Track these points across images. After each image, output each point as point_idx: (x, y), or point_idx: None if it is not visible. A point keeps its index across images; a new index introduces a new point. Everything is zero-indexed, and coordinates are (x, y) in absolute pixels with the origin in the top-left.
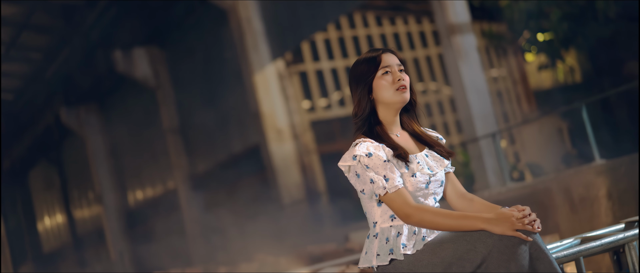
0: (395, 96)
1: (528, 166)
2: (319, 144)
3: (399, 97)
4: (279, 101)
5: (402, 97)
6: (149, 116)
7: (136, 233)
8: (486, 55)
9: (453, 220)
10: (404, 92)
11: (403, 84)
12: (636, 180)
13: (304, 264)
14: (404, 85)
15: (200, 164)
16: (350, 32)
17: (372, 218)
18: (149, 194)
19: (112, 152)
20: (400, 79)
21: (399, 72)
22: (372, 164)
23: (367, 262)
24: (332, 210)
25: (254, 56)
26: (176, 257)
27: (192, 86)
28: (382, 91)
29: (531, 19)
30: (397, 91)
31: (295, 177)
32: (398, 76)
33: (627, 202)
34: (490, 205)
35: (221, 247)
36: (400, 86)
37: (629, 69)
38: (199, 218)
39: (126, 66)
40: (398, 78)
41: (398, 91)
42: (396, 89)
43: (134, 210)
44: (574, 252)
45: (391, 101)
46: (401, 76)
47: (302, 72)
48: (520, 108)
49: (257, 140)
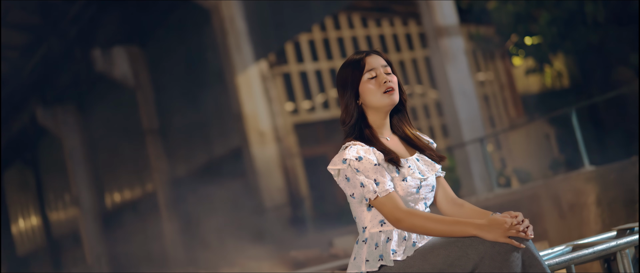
0: (382, 100)
1: (515, 172)
2: (302, 147)
3: (387, 101)
4: (261, 102)
5: (391, 99)
6: (128, 117)
7: (113, 236)
8: (473, 58)
9: (444, 226)
10: (392, 95)
11: (390, 86)
12: (626, 187)
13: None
14: (391, 87)
15: (180, 166)
16: (335, 33)
17: (361, 223)
18: (127, 196)
19: (89, 153)
20: (386, 82)
21: (384, 75)
22: (363, 168)
23: (355, 267)
24: (315, 214)
25: (237, 56)
26: (155, 261)
27: (173, 86)
28: (369, 95)
29: (519, 22)
30: (385, 94)
31: (278, 181)
32: (384, 79)
33: (616, 209)
34: (480, 211)
35: (201, 251)
36: (387, 88)
37: (618, 75)
38: (179, 221)
39: (105, 65)
40: (384, 81)
41: (385, 94)
42: (383, 92)
43: (112, 213)
44: (565, 260)
45: (379, 105)
46: (387, 78)
47: (286, 74)
48: (507, 112)
49: (239, 143)
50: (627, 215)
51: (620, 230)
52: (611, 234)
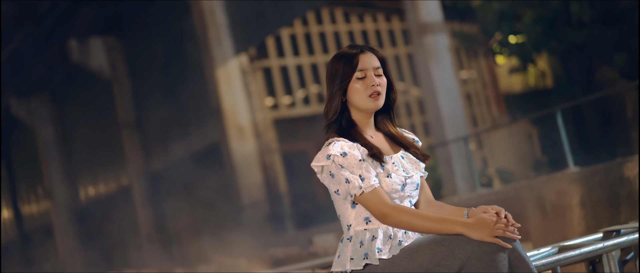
0: (367, 103)
1: (497, 172)
2: (281, 143)
3: (371, 105)
4: (241, 97)
5: (374, 104)
6: (104, 109)
7: (87, 230)
8: (456, 56)
9: (431, 223)
10: (377, 100)
11: (377, 90)
12: (611, 189)
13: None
14: (378, 91)
15: (157, 160)
16: (317, 28)
17: (345, 220)
18: (102, 190)
19: (63, 145)
20: (374, 85)
21: (375, 77)
22: (347, 164)
23: (340, 266)
24: (294, 212)
25: (217, 49)
26: (129, 257)
27: (151, 79)
28: (355, 95)
29: (504, 20)
30: (370, 97)
31: (256, 177)
32: (372, 81)
33: (601, 211)
34: (460, 210)
35: (177, 247)
36: (373, 92)
37: (601, 75)
38: (154, 217)
39: (81, 55)
40: (372, 84)
41: (370, 98)
42: (369, 95)
43: (86, 207)
44: (552, 261)
45: (362, 108)
46: (376, 81)
47: (266, 68)
48: (490, 111)
49: (217, 137)
50: (611, 217)
51: (606, 232)
52: (597, 236)
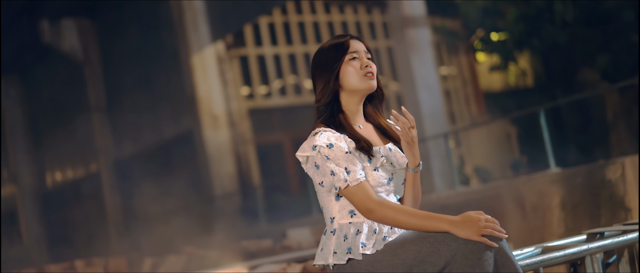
0: (362, 83)
1: (475, 170)
2: (256, 134)
3: (365, 84)
4: (216, 85)
5: (369, 84)
6: (75, 93)
7: (53, 217)
8: (437, 52)
9: (417, 219)
10: (371, 79)
11: (370, 70)
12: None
13: (238, 260)
14: (371, 72)
15: (127, 147)
16: (296, 17)
17: (329, 213)
18: (69, 176)
19: (31, 128)
20: (367, 66)
21: (366, 59)
22: (333, 156)
23: (322, 259)
24: (267, 205)
25: (193, 35)
26: (96, 245)
27: (124, 63)
28: (349, 76)
29: (487, 17)
30: (365, 77)
31: (229, 167)
32: (366, 63)
33: (581, 214)
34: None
35: (146, 237)
36: (367, 72)
37: (583, 77)
38: (123, 205)
39: (53, 37)
40: (366, 64)
41: (365, 78)
42: (364, 75)
43: (52, 192)
44: (535, 262)
45: (357, 88)
46: (369, 62)
47: (243, 57)
48: (469, 109)
49: (190, 126)
50: (591, 220)
51: (590, 234)
52: (581, 238)
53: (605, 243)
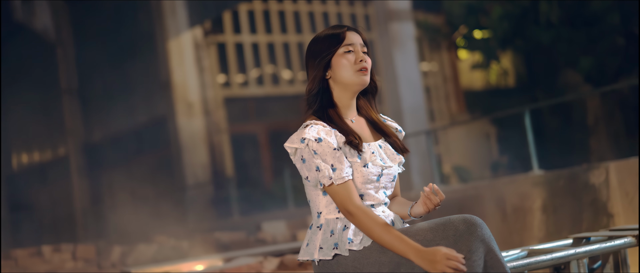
0: (355, 77)
1: (454, 169)
2: (231, 123)
3: (358, 79)
4: (192, 72)
5: (362, 79)
6: (46, 73)
7: (18, 200)
8: (418, 47)
9: (388, 237)
10: (365, 75)
11: (365, 65)
12: (574, 194)
13: (210, 251)
14: (366, 67)
15: (98, 131)
16: (277, 6)
17: (316, 207)
18: (36, 159)
19: None
20: (362, 60)
21: (362, 53)
22: (321, 151)
23: (308, 254)
24: (239, 196)
25: (170, 20)
26: (61, 230)
27: (98, 45)
28: (342, 70)
29: (471, 14)
30: (358, 72)
31: (202, 157)
32: (361, 57)
33: (562, 217)
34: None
35: (114, 224)
36: (361, 67)
37: (565, 79)
38: (91, 191)
39: (25, 15)
40: (360, 59)
41: (359, 72)
42: (357, 70)
43: (17, 175)
44: (521, 265)
45: (350, 82)
46: (364, 57)
47: (221, 44)
48: (448, 106)
49: (164, 112)
50: (572, 224)
51: (576, 239)
52: (567, 242)
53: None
